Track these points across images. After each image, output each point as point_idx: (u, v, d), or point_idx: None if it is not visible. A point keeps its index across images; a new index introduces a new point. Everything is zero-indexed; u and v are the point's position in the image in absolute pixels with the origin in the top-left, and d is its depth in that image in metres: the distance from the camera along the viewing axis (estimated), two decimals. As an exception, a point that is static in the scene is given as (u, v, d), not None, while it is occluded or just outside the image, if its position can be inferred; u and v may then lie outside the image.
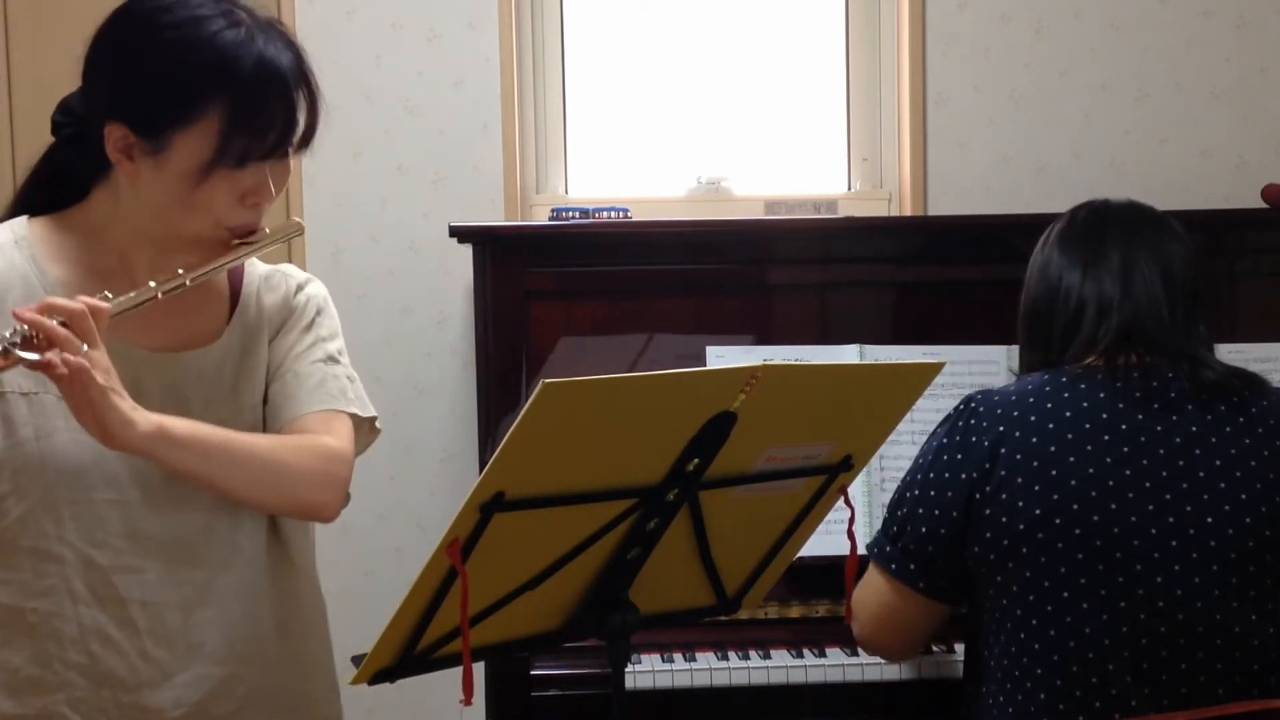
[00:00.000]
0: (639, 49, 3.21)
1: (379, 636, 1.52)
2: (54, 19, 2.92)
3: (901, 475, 1.99)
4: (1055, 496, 1.80)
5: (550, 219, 2.79)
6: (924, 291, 2.72)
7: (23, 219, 1.75)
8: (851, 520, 1.77)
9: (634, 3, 3.21)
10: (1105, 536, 1.79)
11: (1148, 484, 1.81)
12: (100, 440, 1.55)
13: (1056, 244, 1.99)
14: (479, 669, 2.24)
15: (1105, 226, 1.97)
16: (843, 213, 3.12)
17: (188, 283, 1.65)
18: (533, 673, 2.29)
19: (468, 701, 1.53)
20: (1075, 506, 1.80)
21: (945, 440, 1.91)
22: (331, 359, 1.82)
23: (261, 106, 1.64)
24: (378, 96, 3.03)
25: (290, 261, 3.04)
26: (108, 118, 1.64)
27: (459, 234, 2.64)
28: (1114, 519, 1.79)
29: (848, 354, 2.54)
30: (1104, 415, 1.84)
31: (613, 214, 2.77)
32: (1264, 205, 2.88)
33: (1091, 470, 1.81)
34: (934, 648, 2.27)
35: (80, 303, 1.52)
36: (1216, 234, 2.83)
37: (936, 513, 1.88)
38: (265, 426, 1.78)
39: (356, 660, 1.54)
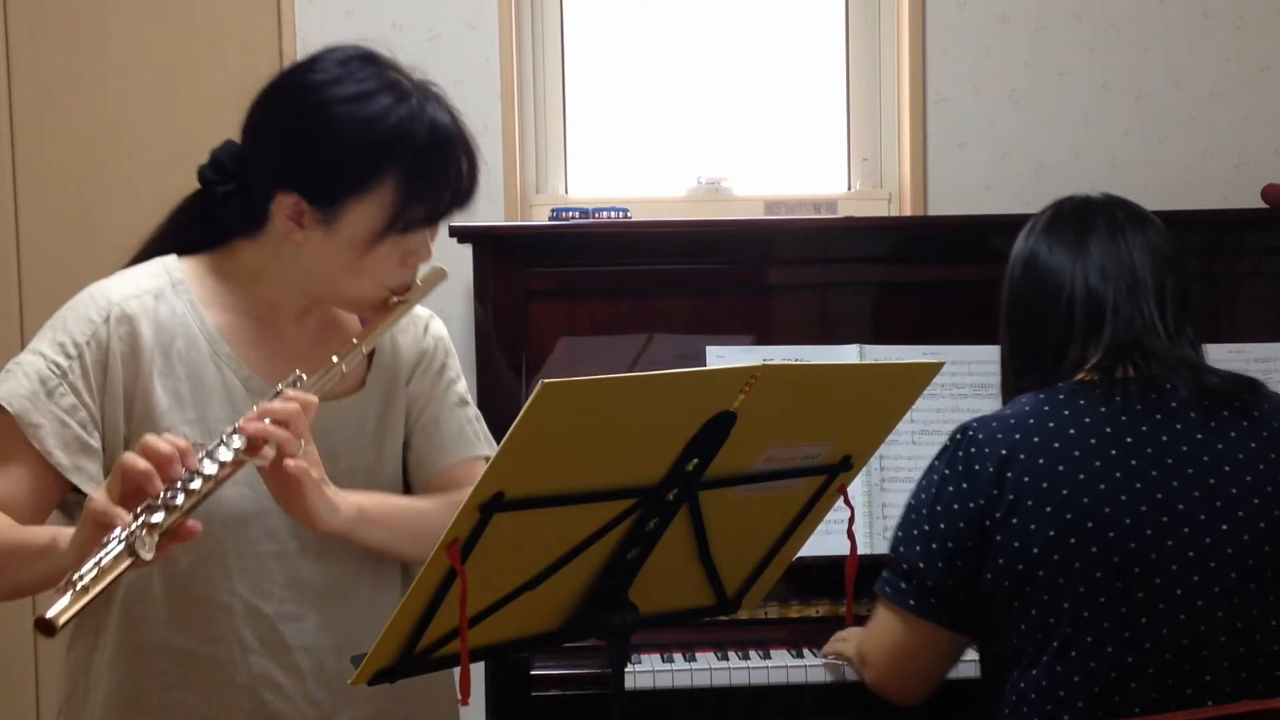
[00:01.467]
0: (639, 49, 3.21)
1: (379, 636, 1.52)
2: (54, 19, 2.92)
3: (901, 475, 1.98)
4: (1068, 516, 1.78)
5: (550, 219, 2.79)
6: (924, 291, 2.72)
7: (173, 258, 1.78)
8: (851, 520, 1.76)
9: (634, 3, 3.21)
10: (1122, 552, 1.77)
11: (1159, 495, 1.79)
12: (306, 525, 1.64)
13: (1043, 237, 1.96)
14: (478, 669, 2.24)
15: (1090, 222, 1.95)
16: (843, 213, 3.12)
17: (364, 350, 1.73)
18: (533, 673, 2.29)
19: (466, 701, 1.53)
20: (1090, 525, 1.77)
21: (947, 472, 1.87)
22: (464, 401, 1.92)
23: (435, 174, 1.70)
24: (378, 96, 3.03)
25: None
26: (279, 187, 1.69)
27: (459, 234, 2.64)
28: (1129, 534, 1.77)
29: (848, 354, 2.54)
30: (1107, 430, 1.82)
31: (613, 214, 2.77)
32: (1264, 205, 2.88)
33: (1102, 486, 1.79)
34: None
35: (295, 403, 1.59)
36: (1216, 234, 2.83)
37: (950, 545, 1.85)
38: (407, 470, 1.86)
39: (356, 660, 1.54)
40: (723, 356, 2.55)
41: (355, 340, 1.72)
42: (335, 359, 1.69)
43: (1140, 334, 1.87)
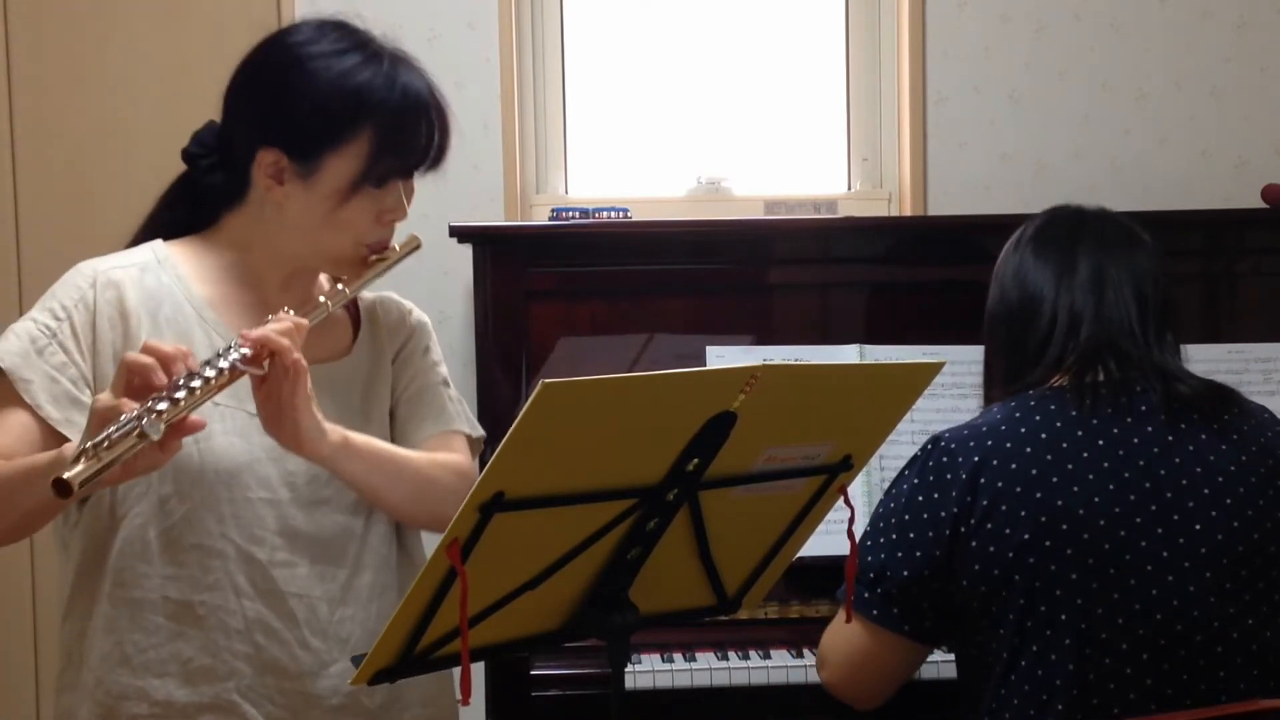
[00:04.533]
0: (639, 49, 3.22)
1: (379, 636, 1.52)
2: (54, 19, 2.92)
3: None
4: (1042, 519, 1.79)
5: (550, 219, 2.80)
6: (924, 291, 2.72)
7: (159, 241, 1.85)
8: (851, 520, 1.76)
9: (634, 3, 3.21)
10: (1097, 554, 1.78)
11: (1132, 497, 1.80)
12: (293, 448, 1.67)
13: (1030, 249, 1.97)
14: (478, 669, 2.24)
15: (1078, 236, 1.96)
16: (843, 213, 3.13)
17: (349, 292, 1.79)
18: (533, 673, 2.29)
19: (466, 701, 1.53)
20: (1064, 527, 1.78)
21: (917, 481, 1.88)
22: (447, 382, 1.98)
23: (407, 129, 1.79)
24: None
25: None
26: (260, 144, 1.77)
27: (459, 234, 2.64)
28: (1104, 535, 1.78)
29: (848, 354, 2.54)
30: (1079, 433, 1.82)
31: (613, 214, 2.77)
32: (1264, 205, 2.88)
33: (1075, 489, 1.80)
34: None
35: (290, 320, 1.65)
36: (1216, 234, 2.83)
37: (918, 554, 1.85)
38: (391, 440, 1.89)
39: (356, 660, 1.55)
40: (723, 356, 2.55)
41: (340, 286, 1.78)
42: (322, 299, 1.75)
43: (1116, 337, 1.89)
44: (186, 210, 1.86)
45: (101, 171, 2.96)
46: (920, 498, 1.87)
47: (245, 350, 1.60)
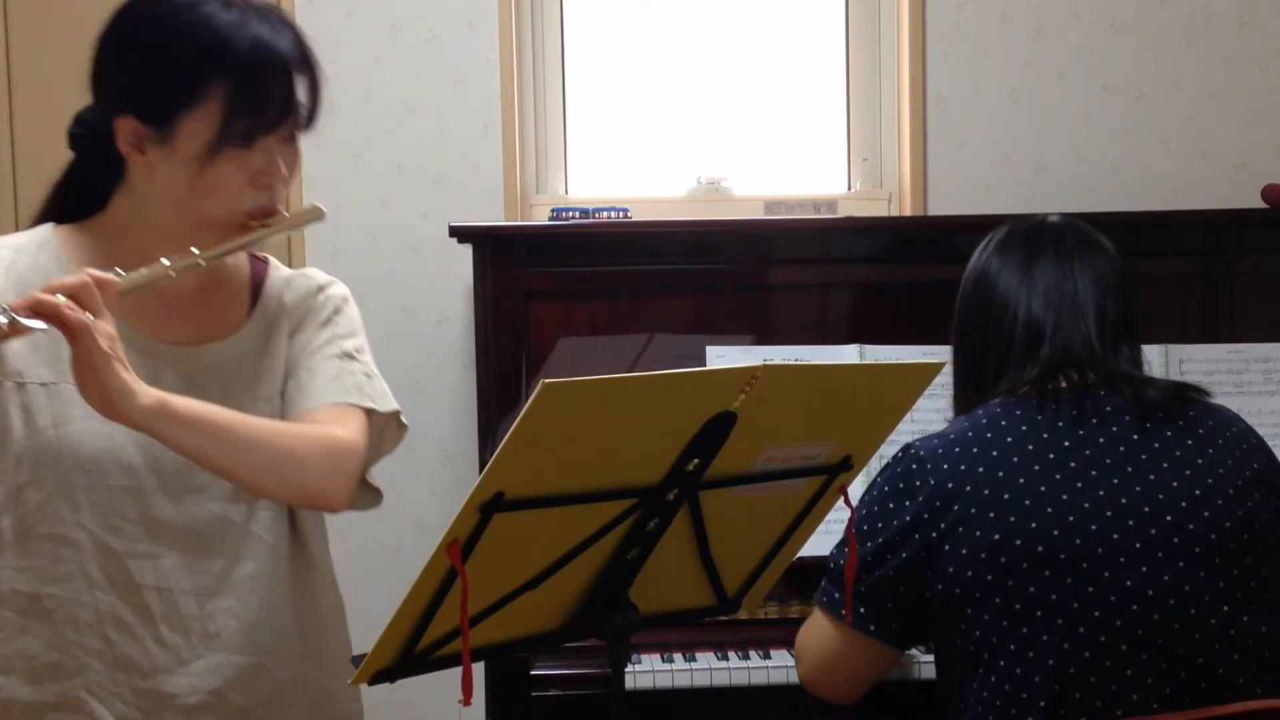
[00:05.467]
0: (639, 49, 3.21)
1: (379, 636, 1.52)
2: (54, 19, 2.92)
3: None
4: (1012, 519, 1.81)
5: (550, 219, 2.80)
6: (924, 291, 2.71)
7: (47, 226, 1.80)
8: (851, 520, 1.77)
9: (634, 3, 3.21)
10: (1068, 550, 1.80)
11: (1101, 493, 1.82)
12: (102, 411, 1.55)
13: (995, 257, 2.01)
14: (479, 669, 2.24)
15: (1037, 247, 1.99)
16: (843, 213, 3.12)
17: (202, 262, 1.67)
18: (533, 673, 2.30)
19: (467, 701, 1.53)
20: (1034, 525, 1.80)
21: (887, 489, 1.91)
22: (348, 355, 1.83)
23: (261, 83, 1.68)
24: (378, 96, 3.04)
25: (290, 262, 3.05)
26: (117, 113, 1.69)
27: (459, 234, 2.65)
28: (1074, 531, 1.80)
29: (848, 354, 2.54)
30: (1044, 435, 1.85)
31: (613, 214, 2.77)
32: (1264, 205, 2.88)
33: (1043, 489, 1.82)
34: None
35: (85, 275, 1.55)
36: (1216, 234, 2.83)
37: (888, 557, 1.88)
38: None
39: (356, 660, 1.55)
40: (723, 356, 2.55)
41: (195, 250, 1.67)
42: (165, 261, 1.64)
43: (1076, 351, 1.92)
44: (77, 196, 1.79)
45: (101, 171, 2.95)
46: (890, 505, 1.90)
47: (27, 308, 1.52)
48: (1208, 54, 3.13)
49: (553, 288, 2.65)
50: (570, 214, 2.77)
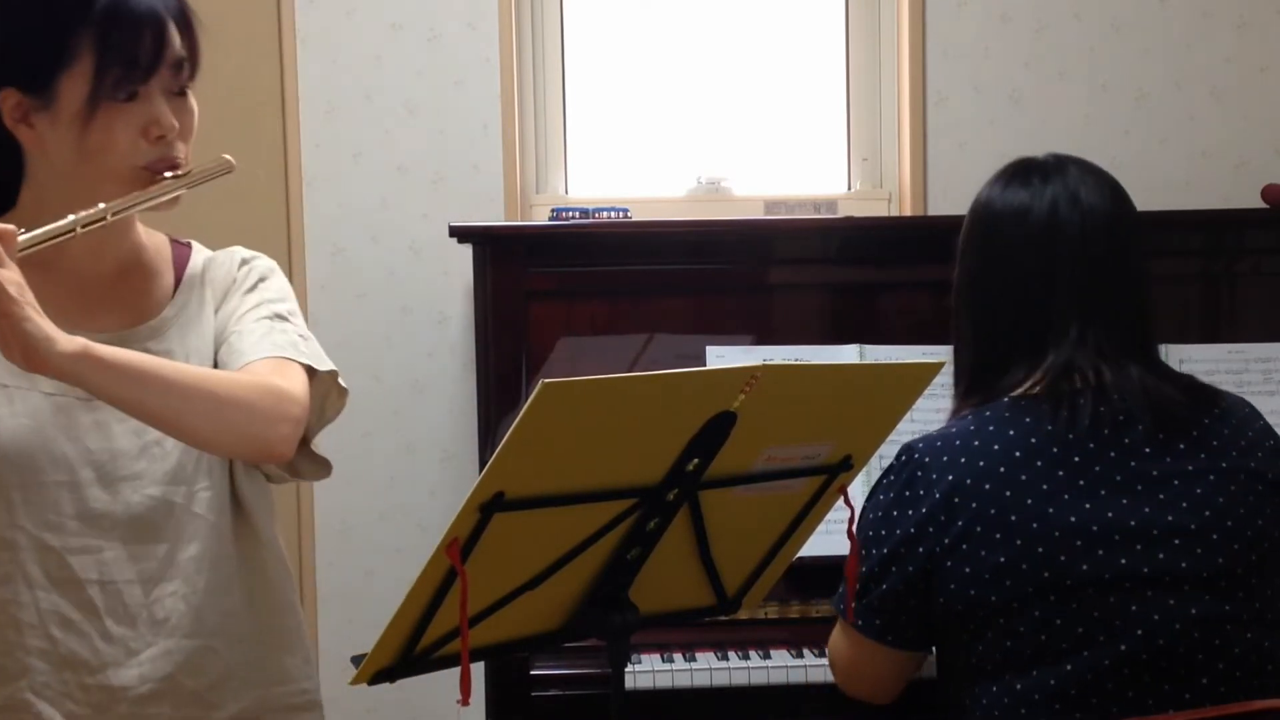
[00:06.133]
0: (639, 49, 3.21)
1: (379, 636, 1.52)
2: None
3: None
4: (1018, 542, 1.77)
5: (550, 219, 2.80)
6: (924, 291, 2.72)
7: None
8: (851, 520, 1.76)
9: (634, 3, 3.21)
10: (1074, 576, 1.77)
11: (1109, 514, 1.78)
12: (24, 363, 1.49)
13: (995, 188, 1.97)
14: (478, 669, 2.24)
15: (1041, 168, 1.96)
16: (843, 213, 3.12)
17: (109, 216, 1.61)
18: (533, 673, 2.29)
19: (466, 701, 1.53)
20: (1040, 550, 1.77)
21: (893, 495, 1.87)
22: (279, 316, 1.79)
23: (128, 30, 1.64)
24: (378, 96, 3.04)
25: (290, 262, 3.05)
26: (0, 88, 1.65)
27: (459, 234, 2.65)
28: (1081, 558, 1.77)
29: (848, 354, 2.54)
30: (1054, 450, 1.80)
31: (613, 214, 2.77)
32: (1264, 205, 2.88)
33: (1051, 510, 1.78)
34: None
35: None
36: (1216, 234, 2.83)
37: (894, 569, 1.85)
38: None
39: (356, 660, 1.54)
40: (723, 356, 2.55)
41: (101, 205, 1.61)
42: (71, 217, 1.58)
43: (1098, 338, 1.84)
44: None
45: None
46: (895, 512, 1.86)
47: None
48: (1208, 54, 3.13)
49: (553, 288, 2.65)
50: (570, 214, 2.77)
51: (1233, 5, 3.12)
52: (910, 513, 1.84)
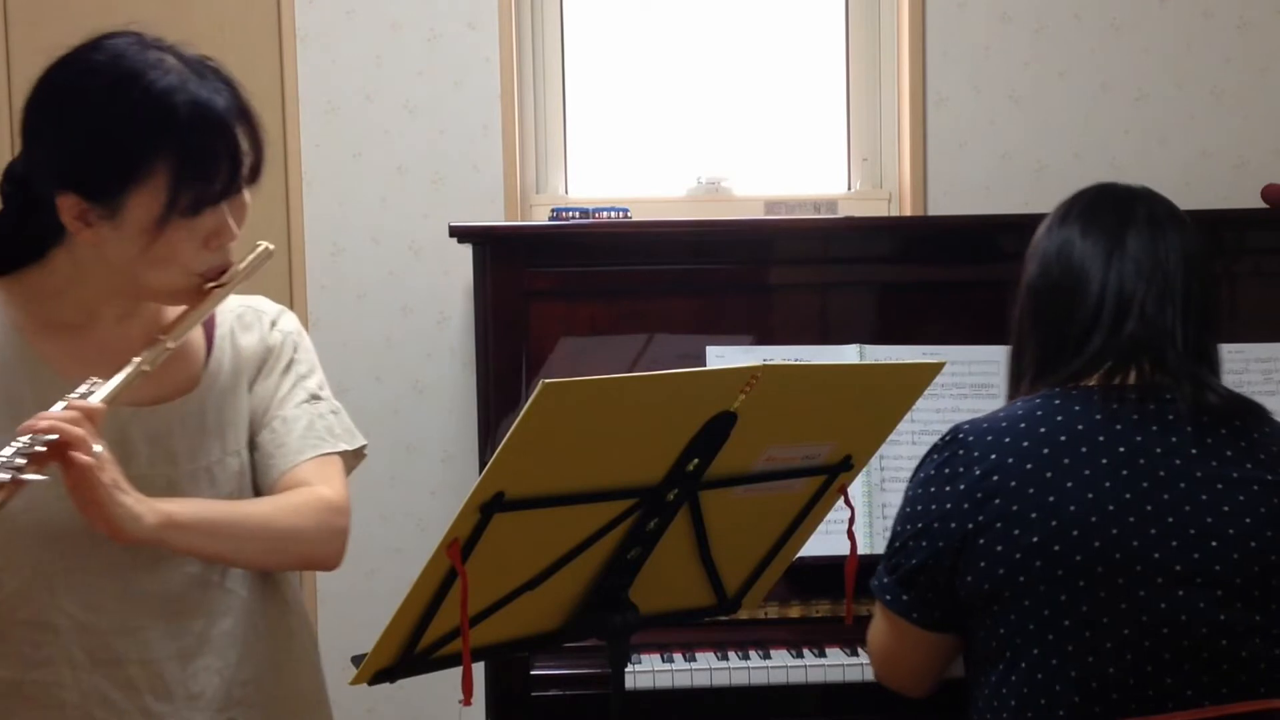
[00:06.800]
0: (639, 49, 3.21)
1: (379, 636, 1.52)
2: (54, 19, 2.92)
3: (901, 475, 1.97)
4: (1054, 523, 1.77)
5: (550, 219, 2.80)
6: (924, 291, 2.72)
7: None
8: (851, 520, 1.77)
9: (634, 3, 3.21)
10: (1107, 563, 1.76)
11: (1148, 508, 1.77)
12: (109, 536, 1.55)
13: (1078, 225, 1.91)
14: (479, 669, 2.24)
15: (1130, 214, 1.91)
16: (843, 213, 3.12)
17: (169, 345, 1.65)
18: (533, 673, 2.30)
19: (467, 701, 1.53)
20: (1075, 533, 1.76)
21: (934, 472, 1.86)
22: (315, 397, 1.83)
23: (205, 150, 1.62)
24: (378, 96, 3.04)
25: (290, 263, 3.05)
26: (57, 189, 1.62)
27: (459, 234, 2.65)
28: (1115, 545, 1.76)
29: (848, 354, 2.54)
30: (1100, 438, 1.80)
31: (613, 214, 2.77)
32: (1264, 205, 2.88)
33: (1090, 495, 1.77)
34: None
35: (74, 411, 1.52)
36: (1216, 234, 2.83)
37: (924, 544, 1.85)
38: (255, 473, 1.79)
39: (356, 660, 1.54)
40: (723, 356, 2.55)
41: (160, 336, 1.64)
42: (136, 360, 1.61)
43: (1157, 338, 1.84)
44: (10, 246, 1.71)
45: (101, 171, 2.95)
46: (934, 489, 1.85)
47: (21, 460, 1.48)
48: (1208, 54, 3.13)
49: (553, 288, 2.65)
50: (570, 214, 2.77)
51: (1233, 5, 3.12)
52: (948, 489, 1.83)
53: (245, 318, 1.83)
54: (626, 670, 1.71)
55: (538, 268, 2.64)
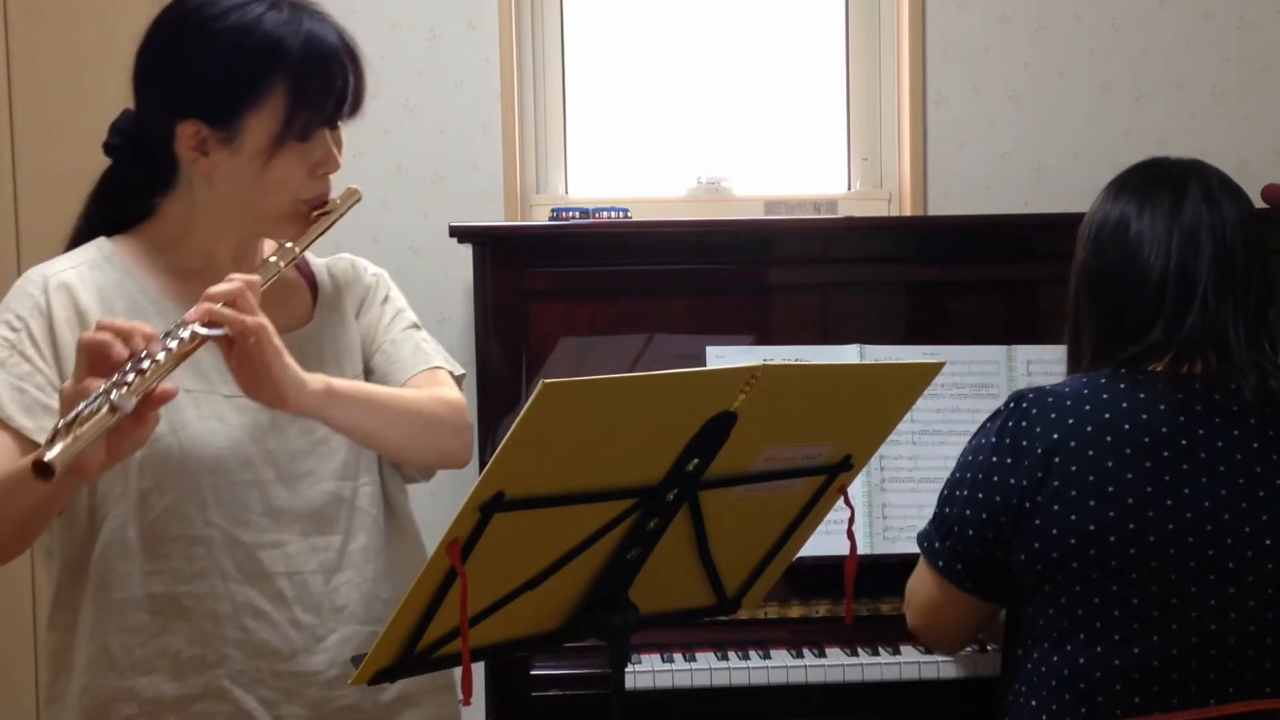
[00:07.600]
0: (639, 49, 3.21)
1: (379, 636, 1.52)
2: (54, 19, 2.92)
3: (901, 475, 1.97)
4: (1111, 514, 1.77)
5: (550, 219, 2.79)
6: (924, 291, 2.72)
7: (102, 239, 1.83)
8: (851, 520, 1.76)
9: (634, 3, 3.21)
10: (1160, 556, 1.75)
11: (1207, 503, 1.77)
12: (274, 404, 1.63)
13: (1134, 201, 1.89)
14: (479, 669, 2.24)
15: (1185, 187, 1.88)
16: (843, 213, 3.12)
17: (298, 250, 1.78)
18: (533, 673, 2.29)
19: (467, 701, 1.53)
20: (1131, 525, 1.76)
21: (994, 440, 1.85)
22: (415, 325, 1.98)
23: (319, 76, 1.75)
24: (378, 96, 3.00)
25: (290, 261, 3.05)
26: (177, 118, 1.74)
27: (459, 234, 2.65)
28: (1170, 539, 1.76)
29: (848, 354, 2.54)
30: (1164, 429, 1.78)
31: (613, 214, 2.77)
32: (1264, 205, 2.88)
33: (1150, 488, 1.77)
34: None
35: (238, 280, 1.61)
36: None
37: (984, 515, 1.85)
38: None
39: (356, 660, 1.55)
40: (723, 356, 2.55)
41: (288, 244, 1.77)
42: (273, 258, 1.75)
43: (1219, 329, 1.81)
44: (120, 204, 1.85)
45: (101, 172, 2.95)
46: (995, 458, 1.85)
47: (199, 328, 1.58)
48: (1208, 54, 3.13)
49: (553, 288, 2.65)
50: (570, 214, 2.77)
51: (1233, 5, 3.12)
52: (1009, 461, 1.83)
53: (338, 264, 1.99)
54: (626, 670, 1.71)
55: (538, 268, 2.64)
